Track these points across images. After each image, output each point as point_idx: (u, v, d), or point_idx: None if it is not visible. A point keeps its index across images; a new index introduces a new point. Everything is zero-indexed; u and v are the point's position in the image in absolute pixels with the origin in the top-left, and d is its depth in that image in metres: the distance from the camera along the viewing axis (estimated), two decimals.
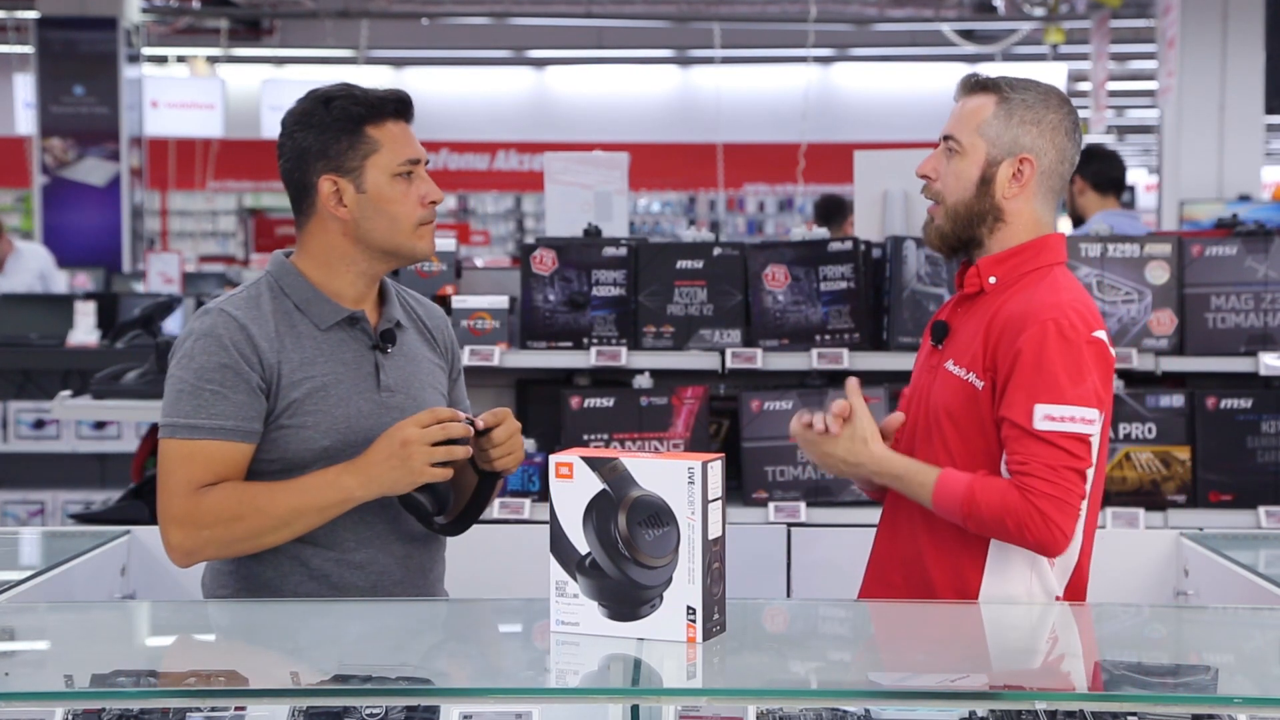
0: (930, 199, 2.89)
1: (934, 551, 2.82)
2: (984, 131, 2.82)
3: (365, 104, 2.71)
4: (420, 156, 2.75)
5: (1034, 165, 2.82)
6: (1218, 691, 2.26)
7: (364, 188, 2.71)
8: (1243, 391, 4.38)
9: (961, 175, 2.83)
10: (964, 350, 2.82)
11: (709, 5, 17.38)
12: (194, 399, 2.65)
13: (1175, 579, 3.58)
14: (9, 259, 9.56)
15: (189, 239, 20.66)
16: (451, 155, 20.42)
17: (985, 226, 2.83)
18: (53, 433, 7.57)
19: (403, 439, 2.61)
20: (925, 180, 2.89)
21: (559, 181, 4.87)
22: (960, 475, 2.74)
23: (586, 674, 2.32)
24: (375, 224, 2.72)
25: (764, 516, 4.27)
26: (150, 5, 15.67)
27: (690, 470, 2.26)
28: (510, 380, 4.71)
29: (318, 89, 2.77)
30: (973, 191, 2.82)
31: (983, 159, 2.82)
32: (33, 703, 2.17)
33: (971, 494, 2.70)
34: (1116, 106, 21.63)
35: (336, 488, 2.64)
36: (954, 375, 2.81)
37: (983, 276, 2.84)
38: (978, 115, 2.83)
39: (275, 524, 2.64)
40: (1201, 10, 11.39)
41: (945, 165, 2.86)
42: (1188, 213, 11.22)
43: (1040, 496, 2.66)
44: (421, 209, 2.74)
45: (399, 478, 2.62)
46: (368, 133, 2.71)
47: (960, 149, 2.83)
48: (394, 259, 2.78)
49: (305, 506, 2.64)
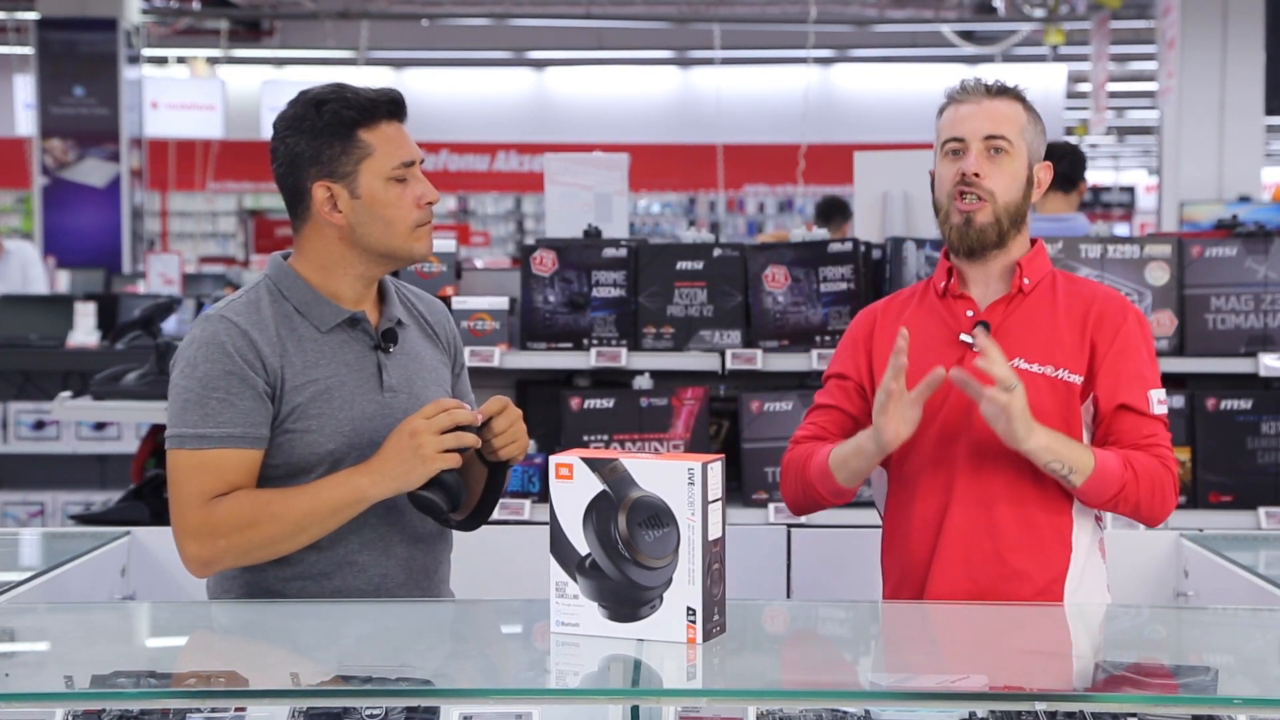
0: (978, 197, 2.87)
1: (1017, 545, 2.83)
2: (1025, 135, 2.91)
3: (357, 107, 2.68)
4: (415, 157, 2.73)
5: (1050, 170, 2.95)
6: (1218, 692, 2.25)
7: (358, 193, 2.69)
8: (1243, 392, 4.38)
9: (1015, 175, 2.90)
10: (1036, 348, 2.86)
11: (709, 6, 17.40)
12: (200, 408, 2.64)
13: (1175, 580, 3.58)
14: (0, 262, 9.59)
15: (189, 240, 20.67)
16: (451, 156, 20.43)
17: (1017, 227, 2.91)
18: (53, 434, 7.57)
19: (411, 429, 2.61)
20: (974, 178, 2.86)
21: (559, 182, 4.87)
22: (1105, 451, 2.83)
23: (586, 675, 2.32)
24: (371, 228, 2.71)
25: (764, 517, 4.26)
26: (150, 6, 15.69)
27: (690, 471, 2.26)
28: (510, 381, 4.71)
29: (309, 91, 2.73)
30: (1022, 192, 2.91)
31: (1026, 161, 2.91)
32: (33, 703, 2.17)
33: (1128, 466, 2.81)
34: (1116, 107, 21.65)
35: (349, 487, 2.63)
36: (1034, 374, 2.85)
37: (1023, 276, 2.91)
38: (1017, 119, 2.91)
39: (291, 529, 2.63)
40: (1201, 10, 11.39)
41: (992, 165, 2.88)
42: (1188, 214, 11.23)
43: (1172, 470, 2.86)
44: (418, 210, 2.72)
45: (411, 468, 2.61)
46: (360, 137, 2.68)
47: (1011, 149, 2.89)
48: (392, 261, 2.76)
49: (319, 509, 2.63)
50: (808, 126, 13.62)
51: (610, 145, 12.54)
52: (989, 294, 2.91)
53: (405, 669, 2.34)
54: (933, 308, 2.95)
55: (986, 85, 2.92)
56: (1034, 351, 2.86)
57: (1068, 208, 6.14)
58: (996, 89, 2.92)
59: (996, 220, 2.87)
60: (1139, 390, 2.86)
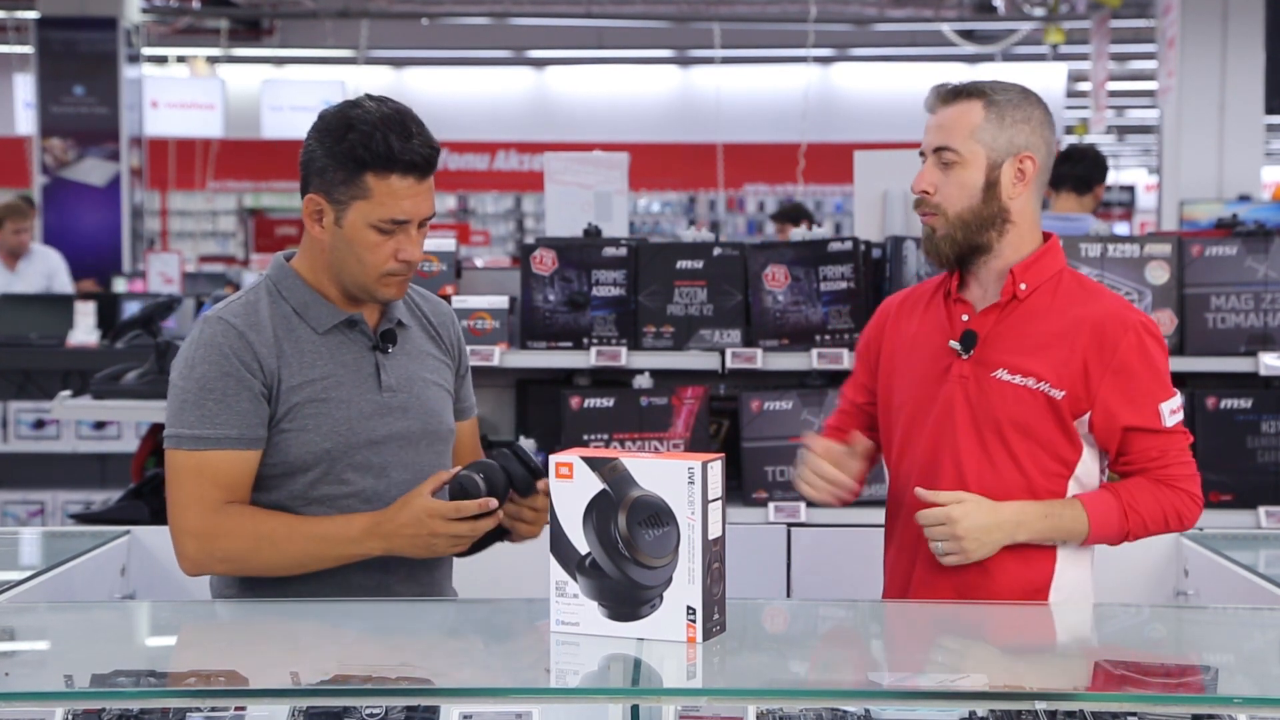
0: (929, 212, 2.84)
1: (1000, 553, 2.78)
2: (979, 136, 2.80)
3: (374, 152, 2.63)
4: (410, 218, 2.67)
5: (1035, 162, 2.82)
6: (1218, 691, 2.26)
7: (342, 223, 2.68)
8: (1243, 391, 4.38)
9: (965, 183, 2.80)
10: (1022, 360, 2.79)
11: (709, 5, 17.39)
12: (198, 409, 2.66)
13: (1175, 579, 3.58)
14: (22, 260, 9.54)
15: (189, 239, 20.65)
16: (451, 155, 20.40)
17: (994, 230, 2.82)
18: (53, 433, 7.57)
19: (431, 531, 2.63)
20: (923, 196, 2.84)
21: (559, 181, 4.87)
22: (1100, 496, 2.80)
23: (586, 674, 2.32)
24: (344, 258, 2.70)
25: (764, 516, 4.26)
26: (150, 5, 15.68)
27: (690, 470, 2.26)
28: (510, 380, 4.71)
29: (362, 104, 2.67)
30: (979, 197, 2.80)
31: (984, 164, 2.80)
32: (33, 703, 2.17)
33: (1126, 510, 2.78)
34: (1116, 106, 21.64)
35: (357, 545, 2.66)
36: (1016, 385, 2.78)
37: (1017, 283, 2.82)
38: (967, 121, 2.81)
39: (289, 563, 2.67)
40: (1201, 10, 11.39)
41: (942, 177, 2.82)
42: (1188, 213, 11.22)
43: (1186, 480, 2.81)
44: (393, 263, 2.69)
45: (421, 554, 2.68)
46: (366, 179, 2.64)
47: (959, 158, 2.80)
48: (359, 293, 2.74)
49: (323, 556, 2.67)
50: (808, 126, 13.62)
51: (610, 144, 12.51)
52: (986, 297, 2.88)
53: (405, 669, 2.35)
54: (937, 308, 2.93)
55: (941, 93, 2.86)
56: (1018, 363, 2.80)
57: (1080, 209, 6.16)
58: (949, 93, 2.84)
59: (950, 233, 2.82)
60: (1146, 408, 2.79)
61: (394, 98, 2.73)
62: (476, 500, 2.63)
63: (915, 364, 2.91)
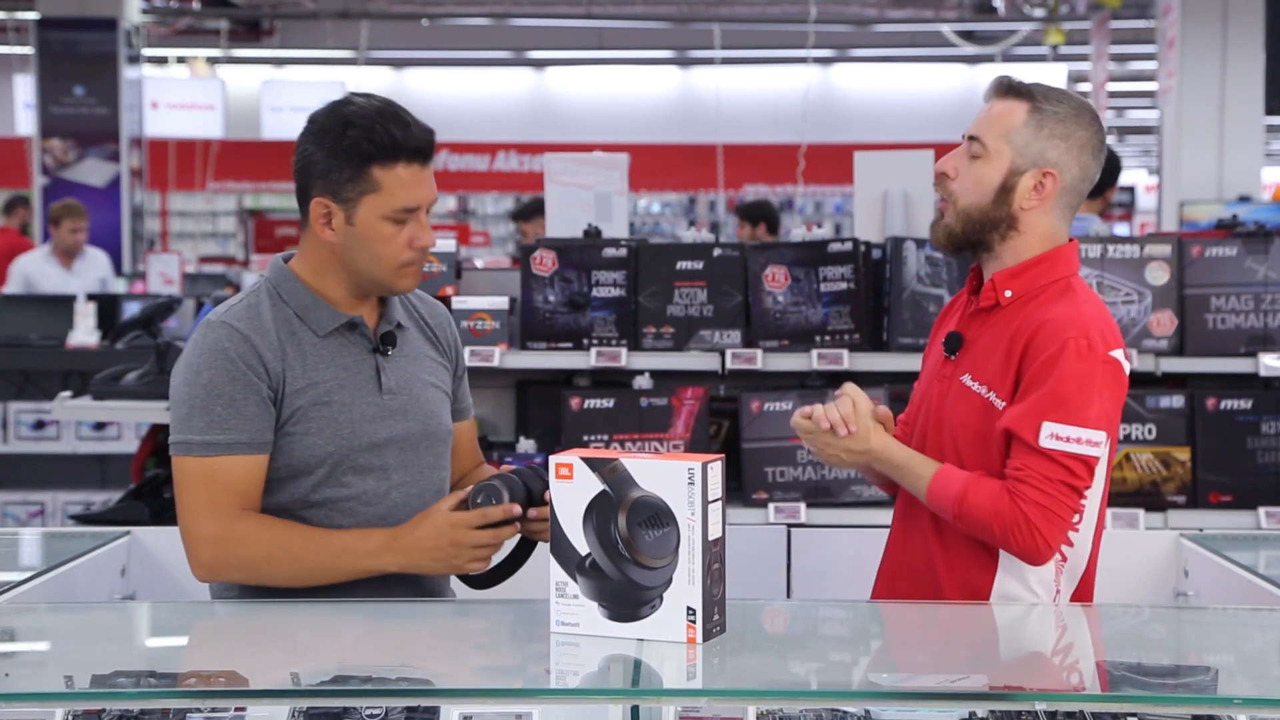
0: (942, 195, 2.82)
1: (945, 561, 2.80)
2: (1012, 138, 2.75)
3: (379, 144, 2.64)
4: (421, 203, 2.69)
5: (1056, 180, 2.75)
6: (1218, 692, 2.25)
7: (354, 220, 2.68)
8: (1243, 392, 4.38)
9: (981, 179, 2.77)
10: (982, 365, 2.77)
11: (709, 6, 17.40)
12: (206, 415, 2.65)
13: (1175, 580, 3.58)
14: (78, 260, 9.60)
15: (189, 240, 20.64)
16: (451, 156, 20.41)
17: (997, 233, 2.78)
18: (53, 433, 7.57)
19: (454, 540, 2.62)
20: (942, 176, 2.81)
21: (559, 182, 4.87)
22: (958, 473, 2.73)
23: (586, 674, 2.32)
24: (359, 255, 2.70)
25: (764, 517, 4.27)
26: (150, 6, 15.68)
27: (690, 471, 2.26)
28: (510, 381, 4.71)
29: (350, 103, 2.69)
30: (991, 197, 2.76)
31: (1006, 166, 2.76)
32: (33, 703, 2.17)
33: (964, 492, 2.70)
34: (1116, 107, 21.64)
35: (374, 559, 2.66)
36: (972, 391, 2.76)
37: (999, 290, 2.78)
38: (1007, 121, 2.76)
39: (304, 575, 2.66)
40: (1201, 10, 11.39)
41: (965, 165, 2.79)
42: (1187, 213, 11.22)
43: (1029, 504, 2.64)
44: (409, 252, 2.70)
45: (440, 569, 2.68)
46: (373, 172, 2.65)
47: (984, 152, 2.77)
48: (375, 288, 2.76)
49: (338, 568, 2.66)
50: (808, 126, 13.61)
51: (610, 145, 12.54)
52: None
53: (405, 669, 2.35)
54: (962, 304, 2.93)
55: (999, 84, 2.81)
56: (979, 370, 2.77)
57: (1089, 211, 6.17)
58: (1005, 87, 2.80)
59: (952, 224, 2.79)
60: (1029, 419, 2.65)
61: (395, 99, 2.73)
62: (502, 505, 2.63)
63: (930, 361, 2.96)
